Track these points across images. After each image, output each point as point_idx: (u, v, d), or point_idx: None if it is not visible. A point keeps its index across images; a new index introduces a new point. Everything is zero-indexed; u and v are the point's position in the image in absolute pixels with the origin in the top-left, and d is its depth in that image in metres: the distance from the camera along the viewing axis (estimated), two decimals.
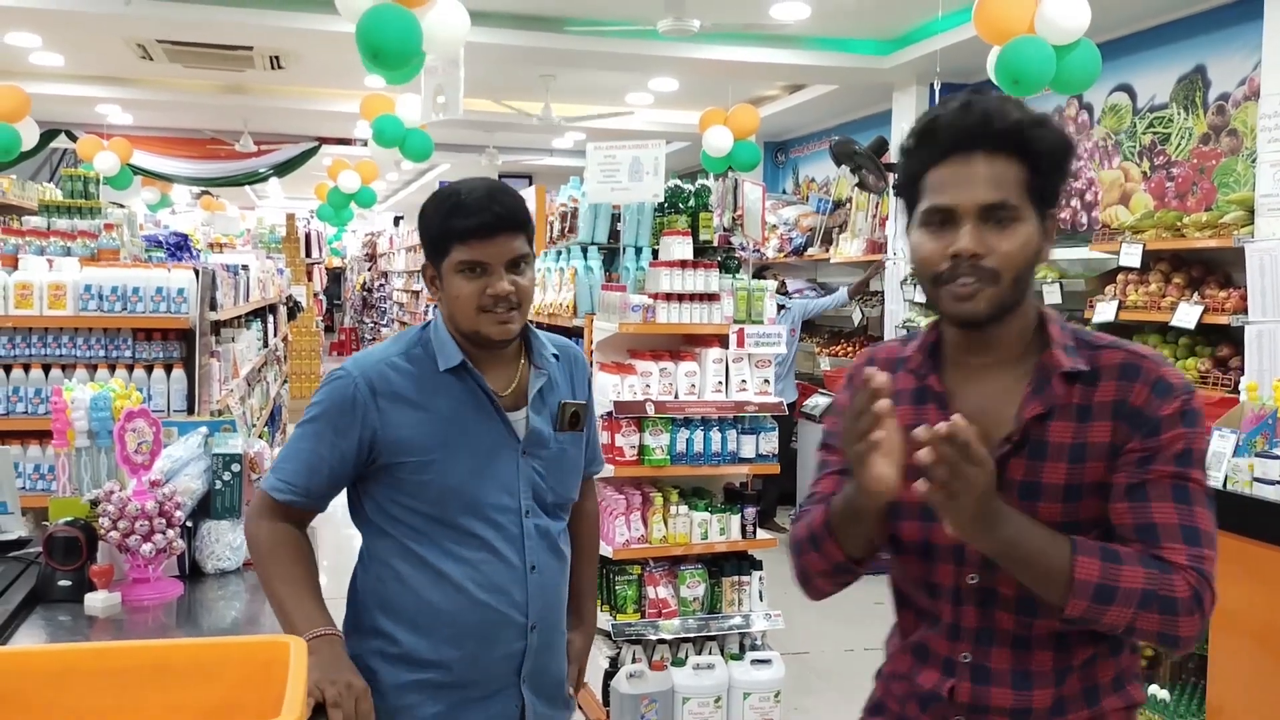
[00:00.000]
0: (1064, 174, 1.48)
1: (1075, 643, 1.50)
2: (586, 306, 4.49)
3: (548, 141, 11.66)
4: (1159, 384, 1.45)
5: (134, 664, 1.60)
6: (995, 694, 1.52)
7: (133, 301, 4.10)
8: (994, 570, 1.47)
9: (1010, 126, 1.43)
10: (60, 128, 10.21)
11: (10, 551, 2.57)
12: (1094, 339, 1.53)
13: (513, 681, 1.98)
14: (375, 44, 4.15)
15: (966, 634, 1.53)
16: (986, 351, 1.53)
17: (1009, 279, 1.44)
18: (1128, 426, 1.44)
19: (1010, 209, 1.42)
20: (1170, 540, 1.41)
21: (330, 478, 1.95)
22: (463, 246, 1.90)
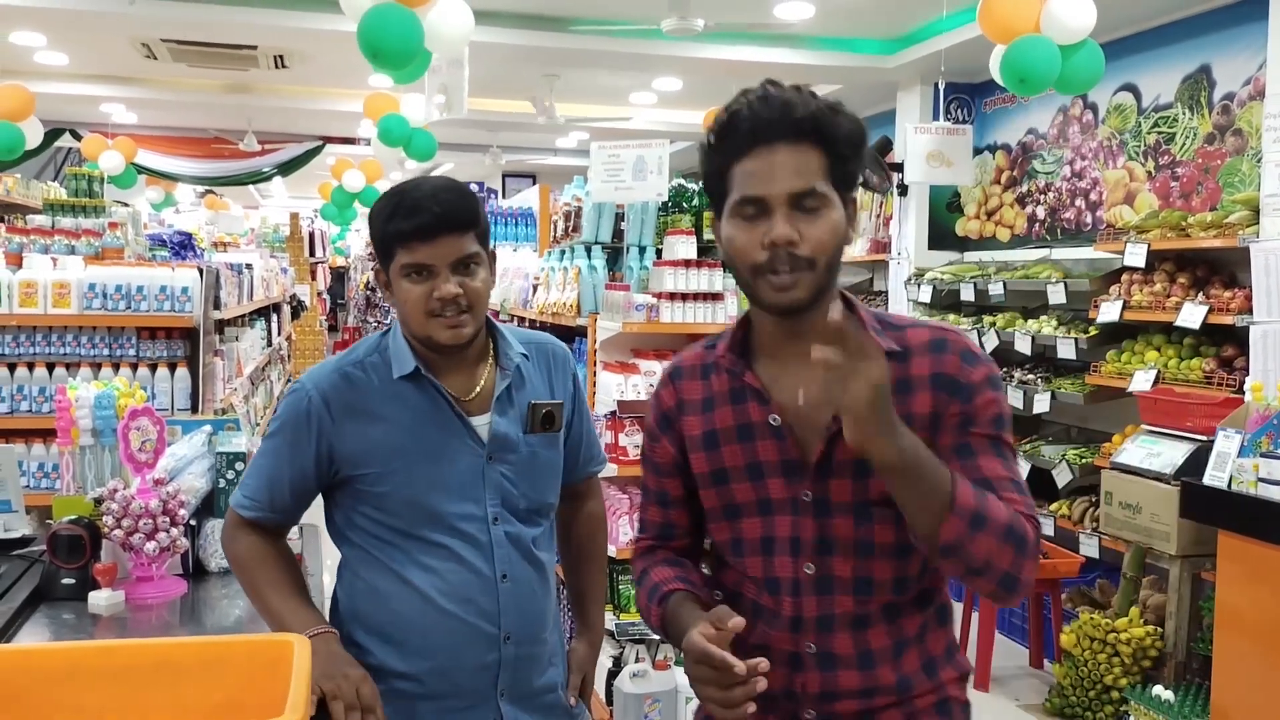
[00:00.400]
0: (861, 159, 1.52)
1: (906, 614, 1.56)
2: (590, 306, 4.48)
3: (551, 141, 11.65)
4: (966, 353, 1.53)
5: (138, 662, 1.60)
6: (843, 679, 1.55)
7: (137, 300, 4.11)
8: (828, 556, 1.53)
9: (809, 115, 1.46)
10: (65, 127, 10.22)
11: (14, 550, 2.57)
12: (895, 320, 1.59)
13: (490, 694, 1.91)
14: (376, 43, 4.15)
15: (808, 624, 1.55)
16: (803, 339, 1.48)
17: (823, 264, 1.47)
18: (946, 394, 1.50)
19: (818, 196, 1.46)
20: (1005, 491, 1.47)
21: (293, 493, 1.92)
22: (405, 249, 1.82)
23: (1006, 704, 4.67)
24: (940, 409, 1.51)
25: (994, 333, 5.74)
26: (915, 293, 6.67)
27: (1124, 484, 4.25)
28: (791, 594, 1.56)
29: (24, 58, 8.04)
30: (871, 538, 1.53)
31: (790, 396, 1.54)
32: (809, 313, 1.50)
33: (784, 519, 1.55)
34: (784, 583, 1.56)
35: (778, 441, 1.55)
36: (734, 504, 1.60)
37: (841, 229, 1.49)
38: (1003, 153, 6.77)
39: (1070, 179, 6.16)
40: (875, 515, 1.52)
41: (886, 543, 1.53)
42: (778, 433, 1.55)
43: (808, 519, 1.54)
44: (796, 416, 1.54)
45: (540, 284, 5.17)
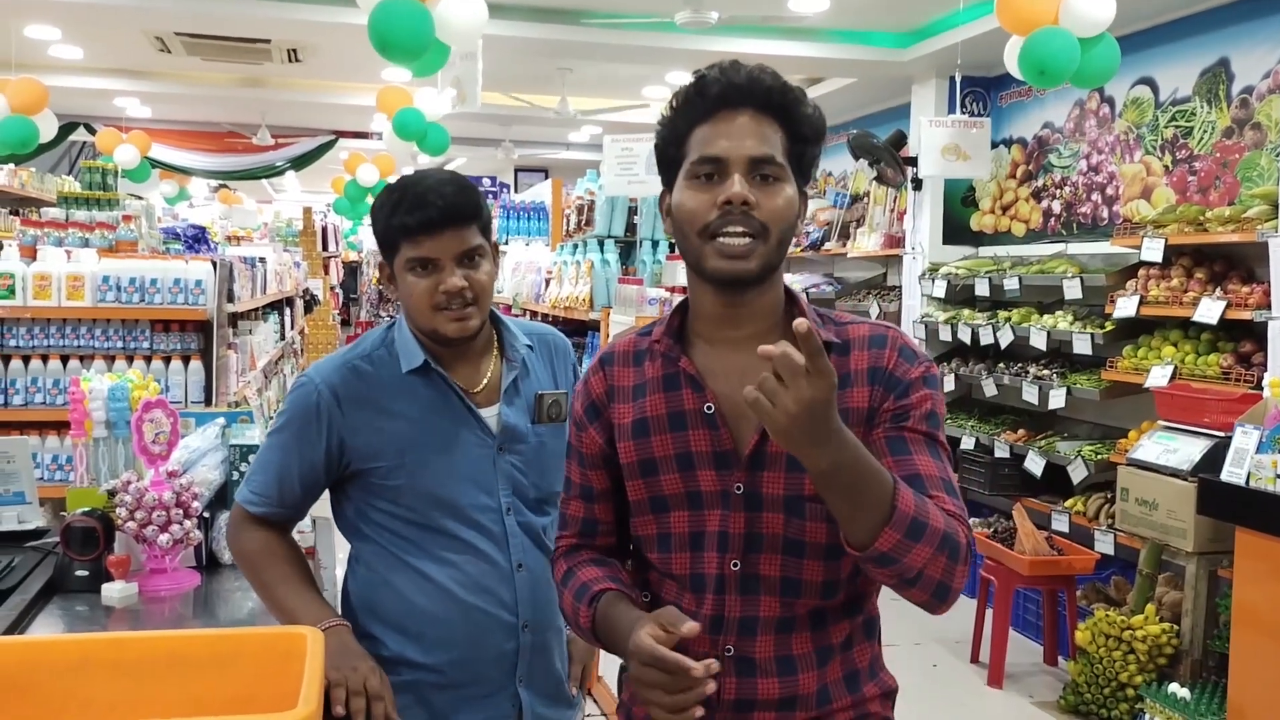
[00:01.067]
0: (818, 150, 1.51)
1: (832, 620, 1.50)
2: (603, 300, 4.48)
3: (564, 135, 11.64)
4: (904, 350, 1.50)
5: (151, 654, 1.59)
6: (762, 685, 1.48)
7: (150, 293, 4.11)
8: (756, 554, 1.47)
9: (776, 88, 1.46)
10: (79, 121, 10.25)
11: (28, 541, 2.58)
12: (835, 315, 1.56)
13: (508, 682, 1.93)
14: (385, 34, 4.15)
15: (730, 625, 1.48)
16: (744, 323, 1.50)
17: (775, 237, 1.44)
18: (883, 389, 1.47)
19: (776, 166, 1.44)
20: (936, 490, 1.42)
21: (302, 487, 1.92)
22: (410, 243, 1.83)
23: (1021, 701, 4.65)
24: (875, 404, 1.47)
25: (1009, 328, 5.71)
26: (929, 288, 6.64)
27: (1140, 480, 4.22)
28: (715, 592, 1.48)
29: (39, 51, 8.06)
30: (803, 536, 1.46)
31: (726, 384, 1.48)
32: (751, 291, 1.47)
33: (714, 513, 1.48)
34: (709, 579, 1.48)
35: (710, 431, 1.48)
36: (661, 496, 1.52)
37: (795, 208, 1.47)
38: (1018, 147, 6.73)
39: (1087, 173, 6.11)
40: (807, 511, 1.46)
41: (818, 542, 1.46)
42: (711, 421, 1.48)
43: (738, 513, 1.47)
44: (730, 405, 1.48)
45: (553, 278, 5.16)
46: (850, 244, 7.92)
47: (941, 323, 6.35)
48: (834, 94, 7.99)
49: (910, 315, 6.87)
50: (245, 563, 1.94)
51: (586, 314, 4.53)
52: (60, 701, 1.52)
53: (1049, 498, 5.53)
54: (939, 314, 6.50)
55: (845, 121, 8.65)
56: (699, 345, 1.54)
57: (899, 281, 7.34)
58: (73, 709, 1.51)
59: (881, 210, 7.70)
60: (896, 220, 7.45)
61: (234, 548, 1.97)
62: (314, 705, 1.34)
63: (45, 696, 1.52)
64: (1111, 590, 5.00)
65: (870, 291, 7.73)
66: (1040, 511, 5.37)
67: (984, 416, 6.27)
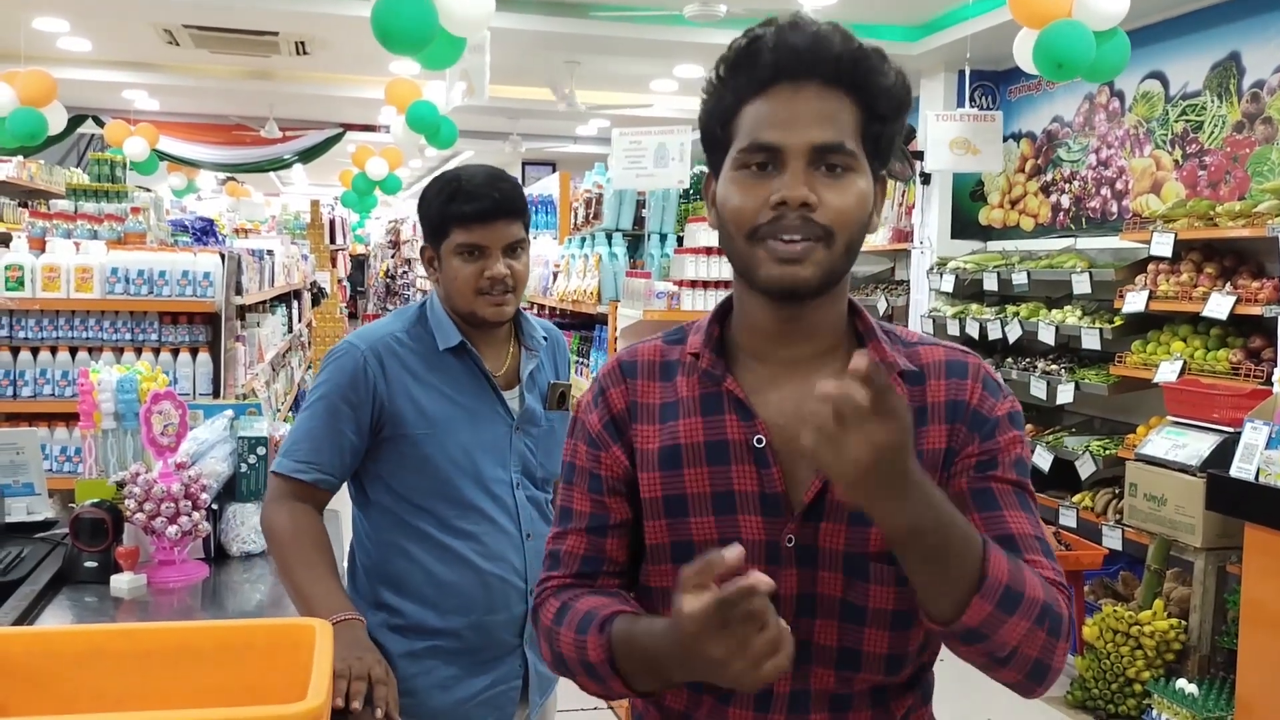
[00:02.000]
0: (901, 124, 1.24)
1: (895, 696, 1.28)
2: (611, 293, 4.48)
3: (571, 129, 11.63)
4: (989, 382, 1.26)
5: (160, 646, 1.60)
6: None
7: (159, 285, 4.12)
8: (809, 619, 1.22)
9: (849, 53, 1.17)
10: (87, 113, 10.27)
11: (36, 533, 2.58)
12: (903, 335, 1.31)
13: (516, 645, 2.07)
14: (387, 26, 4.16)
15: (779, 702, 1.24)
16: (802, 341, 1.25)
17: (842, 242, 1.18)
18: (965, 428, 1.23)
19: (847, 154, 1.18)
20: (1031, 553, 1.19)
21: (351, 453, 2.00)
22: (462, 229, 1.98)
23: None
24: (956, 445, 1.23)
25: (1017, 323, 5.70)
26: (937, 282, 6.62)
27: (1149, 476, 4.21)
28: None
29: (47, 44, 8.07)
30: (865, 601, 1.22)
31: (779, 414, 1.23)
32: (812, 304, 1.22)
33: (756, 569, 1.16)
34: None
35: (759, 469, 1.23)
36: (689, 542, 1.25)
37: (868, 204, 1.21)
38: (1027, 141, 6.71)
39: (1096, 167, 6.09)
40: (872, 573, 1.22)
41: (883, 609, 1.22)
42: (760, 457, 1.23)
43: (790, 569, 1.22)
44: (785, 439, 1.22)
45: (560, 271, 5.16)
46: None
47: (949, 317, 6.34)
48: None
49: (918, 310, 6.86)
50: (274, 537, 1.97)
51: (594, 307, 4.53)
52: (72, 691, 1.52)
53: (1057, 493, 5.52)
54: (947, 309, 6.49)
55: None
56: (745, 363, 1.28)
57: (907, 276, 7.32)
58: (84, 699, 1.52)
59: (890, 204, 7.69)
60: (905, 214, 7.44)
61: (268, 519, 1.99)
62: (324, 697, 1.34)
63: (57, 686, 1.53)
64: (1119, 586, 4.99)
65: (878, 286, 7.72)
66: (1048, 507, 5.36)
67: None
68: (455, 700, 2.04)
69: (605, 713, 4.32)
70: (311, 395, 2.02)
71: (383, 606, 2.04)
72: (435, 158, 14.74)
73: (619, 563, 1.33)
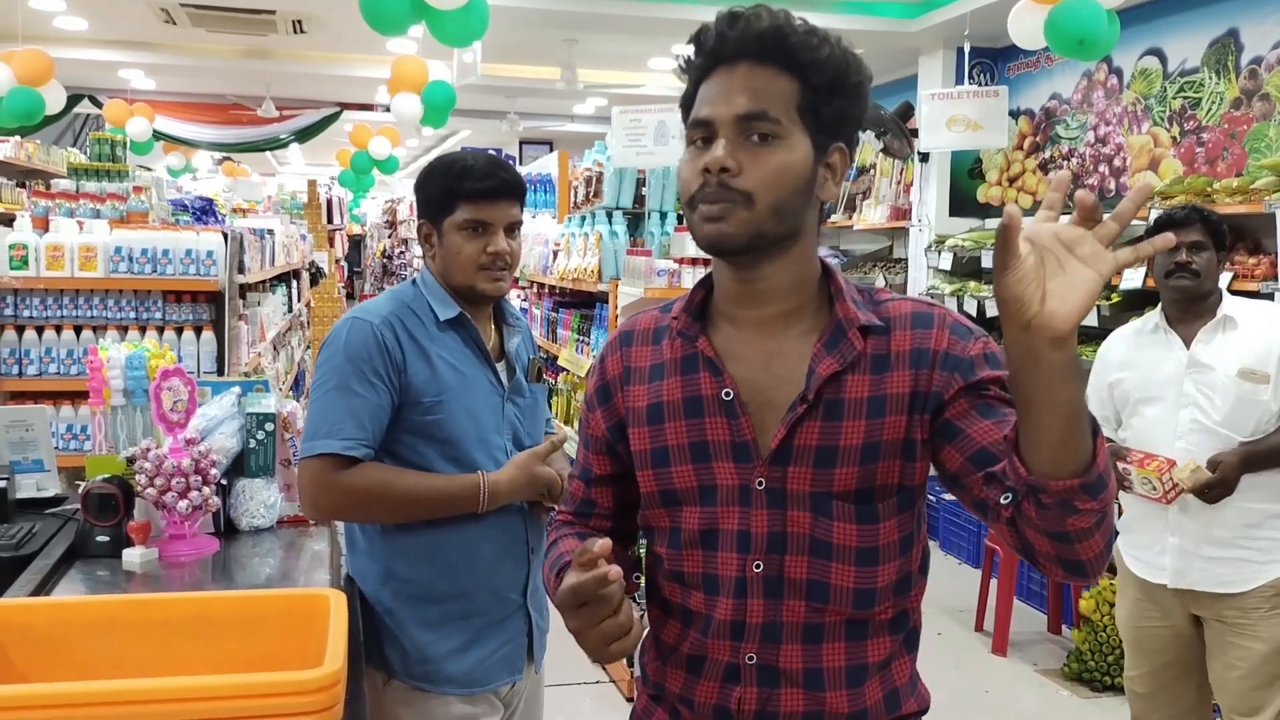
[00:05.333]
0: (848, 96, 1.31)
1: (872, 634, 1.37)
2: (611, 271, 4.49)
3: (569, 108, 11.61)
4: (956, 327, 1.34)
5: (176, 616, 1.63)
6: (785, 697, 1.36)
7: (162, 264, 4.13)
8: (780, 554, 1.35)
9: (771, 31, 1.28)
10: (83, 93, 10.24)
11: (47, 509, 2.61)
12: (875, 293, 1.40)
13: (521, 604, 2.17)
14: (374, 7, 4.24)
15: (752, 631, 1.36)
16: (762, 302, 1.35)
17: (765, 205, 1.27)
18: (941, 371, 1.31)
19: (770, 121, 1.27)
20: None
21: (386, 423, 2.04)
22: (469, 206, 2.07)
23: (1025, 669, 4.69)
24: (922, 389, 1.31)
25: None
26: (936, 260, 6.64)
27: None
28: (734, 595, 1.36)
29: (44, 23, 8.05)
30: (830, 537, 1.33)
31: (748, 369, 1.35)
32: (765, 266, 1.33)
33: (730, 510, 1.36)
34: (724, 581, 1.37)
35: (729, 420, 1.35)
36: (673, 490, 1.40)
37: (798, 171, 1.29)
38: (1025, 118, 6.72)
39: (1094, 145, 6.11)
40: (835, 510, 1.33)
41: (846, 545, 1.34)
42: (729, 409, 1.35)
43: (760, 510, 1.34)
44: (753, 392, 1.35)
45: (560, 250, 5.18)
46: (856, 216, 7.92)
47: (948, 295, 6.37)
48: None
49: (916, 288, 6.88)
50: (367, 494, 2.00)
51: (595, 286, 4.55)
52: (90, 660, 1.55)
53: None
54: (945, 286, 6.51)
55: None
56: (719, 325, 1.40)
57: (905, 254, 7.34)
58: (102, 668, 1.55)
59: (888, 182, 7.70)
60: (903, 192, 7.45)
61: (330, 504, 2.03)
62: (340, 663, 1.37)
63: (76, 655, 1.56)
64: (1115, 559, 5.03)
65: (876, 264, 7.74)
66: None
67: None
68: (472, 663, 2.10)
69: (607, 686, 4.37)
70: (331, 375, 2.02)
71: (393, 576, 2.09)
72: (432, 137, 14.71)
73: (607, 508, 1.55)
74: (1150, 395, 3.01)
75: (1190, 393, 2.93)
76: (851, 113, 1.33)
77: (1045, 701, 4.42)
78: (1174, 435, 2.94)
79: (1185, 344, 2.97)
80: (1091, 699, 4.40)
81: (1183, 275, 2.94)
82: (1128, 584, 3.19)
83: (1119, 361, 3.12)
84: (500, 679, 2.15)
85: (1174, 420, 2.95)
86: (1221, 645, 2.95)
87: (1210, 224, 2.97)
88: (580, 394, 4.91)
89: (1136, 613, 3.15)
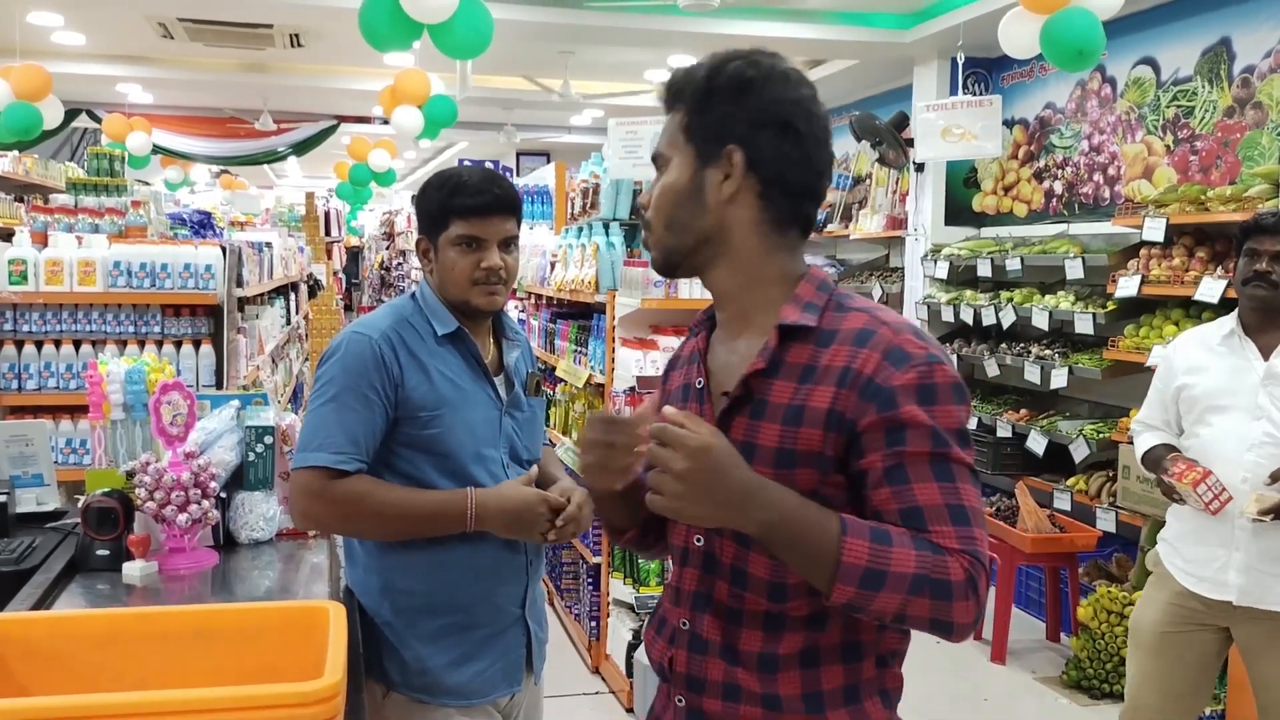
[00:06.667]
0: (724, 99, 1.42)
1: (789, 628, 1.41)
2: (608, 282, 4.51)
3: (565, 119, 11.64)
4: (893, 352, 1.35)
5: (177, 628, 1.64)
6: (709, 665, 1.45)
7: (161, 278, 4.15)
8: (716, 534, 1.46)
9: (673, 81, 1.49)
10: (81, 107, 10.26)
11: (46, 523, 2.62)
12: (850, 302, 1.45)
13: (519, 615, 2.18)
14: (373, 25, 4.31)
15: (684, 598, 1.50)
16: (721, 305, 1.53)
17: (658, 223, 1.48)
18: (857, 397, 1.34)
19: (662, 156, 1.49)
20: (938, 523, 1.31)
21: (379, 436, 2.05)
22: (462, 221, 2.09)
23: (1024, 677, 4.70)
24: (841, 409, 1.35)
25: (1011, 308, 5.74)
26: (932, 269, 6.66)
27: None
28: (680, 563, 1.53)
29: (41, 38, 8.07)
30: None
31: (715, 364, 1.51)
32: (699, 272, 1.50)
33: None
34: (676, 551, 1.55)
35: (699, 405, 1.50)
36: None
37: (676, 186, 1.45)
38: (1020, 127, 6.74)
39: (1088, 153, 6.14)
40: None
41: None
42: (699, 396, 1.51)
43: None
44: (718, 383, 1.49)
45: (558, 261, 5.19)
46: (853, 226, 7.94)
47: (944, 304, 6.39)
48: (836, 76, 8.00)
49: (913, 297, 6.90)
50: (348, 511, 2.02)
51: (592, 297, 4.56)
52: (92, 673, 1.56)
53: (1051, 476, 5.57)
54: (941, 295, 6.53)
55: (847, 103, 8.65)
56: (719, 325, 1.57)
57: (901, 263, 7.36)
58: (103, 681, 1.56)
59: (884, 192, 7.72)
60: (899, 202, 7.47)
61: (319, 514, 2.05)
62: (340, 675, 1.38)
63: (77, 668, 1.57)
64: (1113, 567, 5.04)
65: (873, 273, 7.76)
66: (1042, 490, 5.42)
67: (986, 396, 6.31)
68: (471, 674, 2.11)
69: (607, 696, 4.37)
70: (328, 388, 2.04)
71: (393, 589, 2.10)
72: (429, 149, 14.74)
73: None
74: (1221, 404, 2.92)
75: (1265, 405, 2.86)
76: (734, 112, 1.41)
77: (1044, 709, 4.42)
78: (1245, 447, 2.86)
79: (1262, 354, 2.90)
80: (1090, 706, 4.41)
81: (1260, 284, 2.87)
82: (1161, 589, 3.10)
83: (1188, 365, 3.03)
84: (499, 691, 2.16)
85: (1246, 432, 2.87)
86: (1270, 644, 2.90)
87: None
88: (578, 405, 4.92)
89: (1166, 618, 3.05)
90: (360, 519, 2.04)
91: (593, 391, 4.67)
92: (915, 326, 1.42)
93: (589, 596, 4.66)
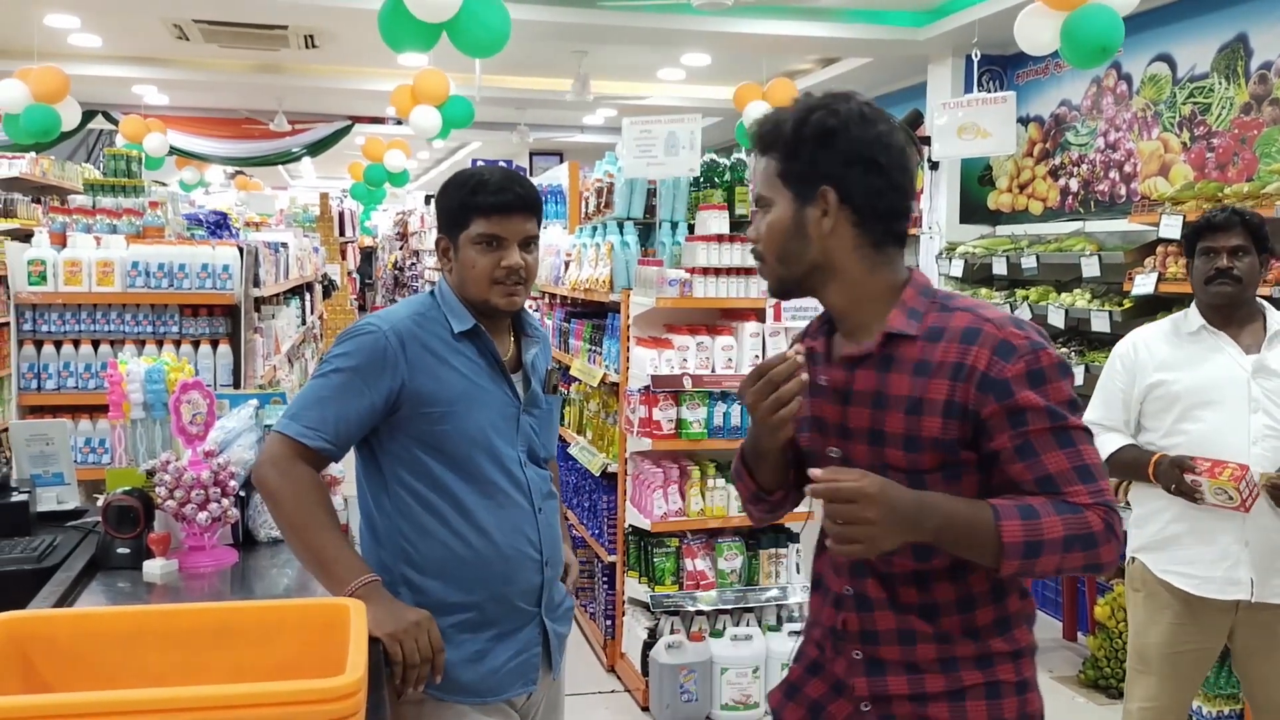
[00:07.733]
0: (812, 146, 1.60)
1: (935, 580, 1.63)
2: (623, 281, 4.51)
3: (579, 119, 11.65)
4: (1002, 347, 1.55)
5: (199, 626, 1.65)
6: (880, 619, 1.66)
7: (179, 278, 4.17)
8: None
9: (763, 131, 1.67)
10: (98, 108, 10.32)
11: (67, 521, 2.64)
12: (953, 302, 1.65)
13: (535, 613, 2.17)
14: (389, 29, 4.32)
15: (843, 568, 1.70)
16: (839, 320, 1.71)
17: (771, 255, 1.67)
18: (975, 390, 1.55)
19: (764, 200, 1.67)
20: (1069, 484, 1.54)
21: (359, 426, 2.04)
22: (483, 220, 2.09)
23: (1041, 675, 4.68)
24: (970, 403, 1.55)
25: (1027, 306, 5.72)
26: (947, 267, 6.64)
27: None
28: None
29: (58, 40, 8.13)
30: None
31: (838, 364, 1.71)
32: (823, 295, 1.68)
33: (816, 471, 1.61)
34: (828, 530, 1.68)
35: (820, 400, 1.70)
36: (799, 448, 1.76)
37: (781, 224, 1.64)
38: (1035, 125, 6.72)
39: (1104, 151, 6.11)
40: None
41: None
42: (822, 391, 1.70)
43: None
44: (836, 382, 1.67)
45: (572, 260, 5.20)
46: None
47: None
48: (850, 74, 7.99)
49: None
50: (280, 497, 1.99)
51: (607, 296, 4.57)
52: (114, 670, 1.57)
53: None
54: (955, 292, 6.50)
55: None
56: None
57: (916, 261, 7.34)
58: (125, 677, 1.57)
59: None
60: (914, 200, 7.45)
61: (267, 478, 2.00)
62: (361, 671, 1.38)
63: (101, 665, 1.58)
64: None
65: None
66: None
67: None
68: (486, 671, 2.11)
69: (623, 695, 4.38)
70: (326, 365, 2.06)
71: (406, 585, 2.09)
72: (442, 149, 14.77)
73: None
74: (1208, 399, 2.89)
75: (1259, 398, 2.84)
76: (821, 157, 1.60)
77: (1061, 708, 4.41)
78: (1248, 441, 2.83)
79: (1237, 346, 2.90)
80: (1108, 705, 4.39)
81: (1224, 281, 2.87)
82: (1164, 606, 3.01)
83: (1160, 362, 2.99)
84: (514, 689, 2.15)
85: (1245, 425, 2.84)
86: (1271, 641, 2.89)
87: (1251, 227, 2.89)
88: (592, 404, 4.92)
89: (1176, 638, 2.99)
90: (280, 505, 1.99)
91: (607, 390, 4.67)
92: (1014, 318, 1.61)
93: (604, 595, 4.67)
